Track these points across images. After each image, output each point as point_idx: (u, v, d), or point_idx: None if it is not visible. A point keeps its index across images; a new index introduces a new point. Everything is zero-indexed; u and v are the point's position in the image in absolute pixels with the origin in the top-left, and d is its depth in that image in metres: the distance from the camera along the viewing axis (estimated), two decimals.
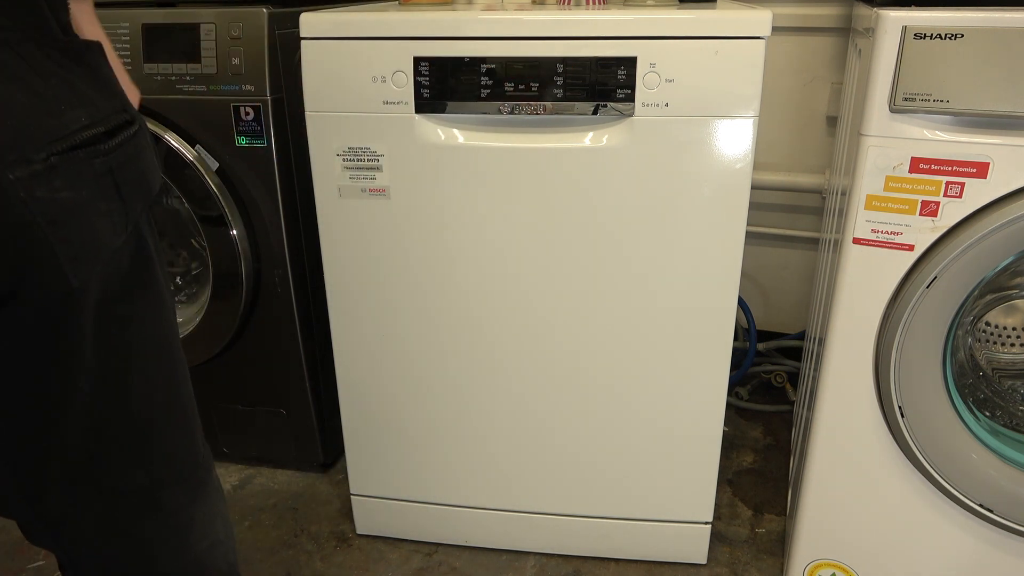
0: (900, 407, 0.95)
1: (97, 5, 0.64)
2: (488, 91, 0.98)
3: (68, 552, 0.68)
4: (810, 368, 1.25)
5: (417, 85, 0.99)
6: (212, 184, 1.24)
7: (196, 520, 0.72)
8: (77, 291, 0.56)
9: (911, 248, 0.90)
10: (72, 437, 0.62)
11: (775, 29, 1.02)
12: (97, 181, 0.55)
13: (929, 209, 0.87)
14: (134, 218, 0.60)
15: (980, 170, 0.85)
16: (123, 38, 1.20)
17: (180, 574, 0.72)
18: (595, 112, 0.97)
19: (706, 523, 1.22)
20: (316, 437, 1.45)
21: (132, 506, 0.67)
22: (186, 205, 1.27)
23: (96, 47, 0.57)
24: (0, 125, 0.48)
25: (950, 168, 0.86)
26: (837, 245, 1.00)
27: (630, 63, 0.94)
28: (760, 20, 0.92)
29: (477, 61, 0.97)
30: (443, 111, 1.00)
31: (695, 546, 1.24)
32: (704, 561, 1.26)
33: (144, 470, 0.67)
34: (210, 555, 0.74)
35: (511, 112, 0.99)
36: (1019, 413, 1.07)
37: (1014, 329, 1.12)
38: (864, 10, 1.08)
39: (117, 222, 0.57)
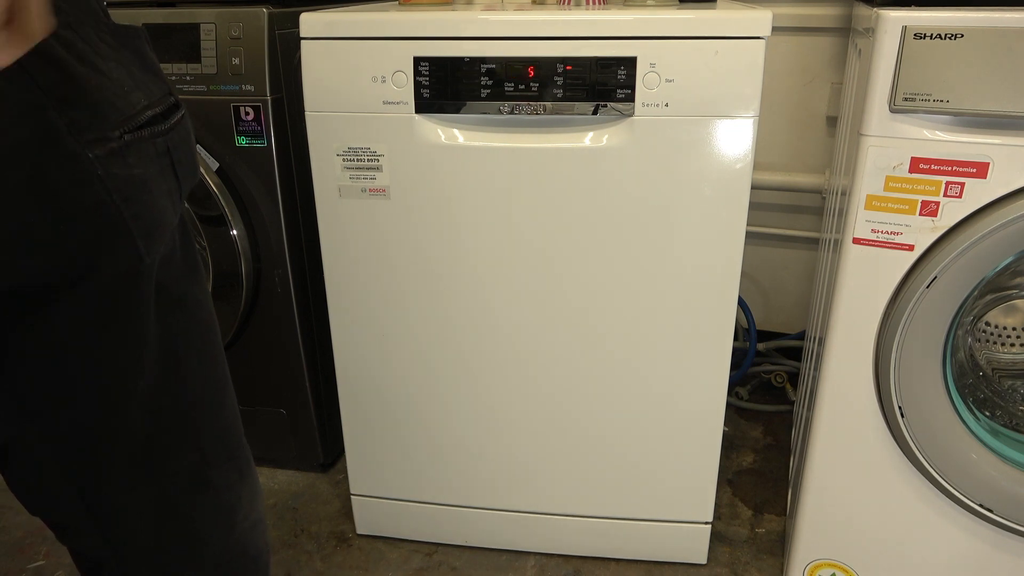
0: (900, 407, 0.95)
1: None
2: (488, 91, 0.98)
3: (114, 543, 0.67)
4: (810, 368, 1.25)
5: (417, 85, 0.99)
6: (212, 184, 1.24)
7: (243, 499, 0.72)
8: (146, 269, 0.57)
9: (911, 248, 0.90)
10: (135, 420, 0.61)
11: (775, 29, 1.02)
12: (159, 160, 0.56)
13: (929, 209, 0.87)
14: (184, 199, 0.61)
15: (980, 170, 0.85)
16: None
17: (226, 555, 0.71)
18: (595, 112, 0.97)
19: (706, 523, 1.22)
20: (316, 437, 1.45)
21: (184, 487, 0.67)
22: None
23: (140, 32, 0.58)
24: (79, 105, 0.49)
25: (950, 168, 0.86)
26: (837, 245, 1.00)
27: (630, 63, 0.94)
28: (760, 20, 0.92)
29: (477, 61, 0.97)
30: (443, 111, 1.00)
31: (695, 546, 1.24)
32: (704, 561, 1.26)
33: (197, 450, 0.67)
34: (251, 534, 0.73)
35: (511, 112, 0.99)
36: (1019, 413, 1.07)
37: (1014, 329, 1.12)
38: (864, 10, 1.08)
39: (175, 201, 0.59)
